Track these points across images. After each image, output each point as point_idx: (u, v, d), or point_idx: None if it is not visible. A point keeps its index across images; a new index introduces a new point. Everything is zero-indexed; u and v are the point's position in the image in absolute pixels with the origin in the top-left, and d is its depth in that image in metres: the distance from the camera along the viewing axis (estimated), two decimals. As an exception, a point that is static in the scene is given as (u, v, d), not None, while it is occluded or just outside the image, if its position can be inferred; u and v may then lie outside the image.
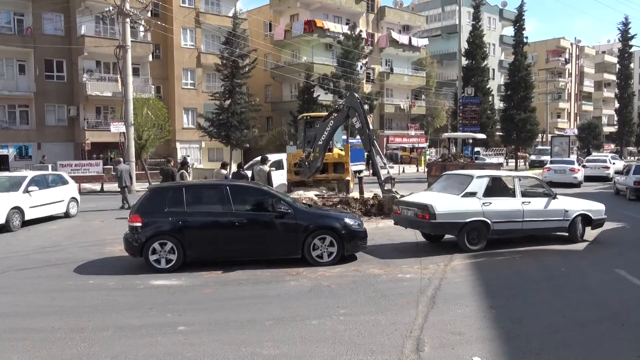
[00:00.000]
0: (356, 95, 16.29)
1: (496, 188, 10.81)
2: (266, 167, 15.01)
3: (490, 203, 10.29)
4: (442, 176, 12.37)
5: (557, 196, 11.19)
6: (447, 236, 11.72)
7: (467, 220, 10.08)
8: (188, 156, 27.64)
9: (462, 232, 10.12)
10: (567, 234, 11.20)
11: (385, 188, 15.23)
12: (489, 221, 10.20)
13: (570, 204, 11.30)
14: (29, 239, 12.68)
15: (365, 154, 18.34)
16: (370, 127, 16.91)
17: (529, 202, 10.67)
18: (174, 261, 8.85)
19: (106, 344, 5.63)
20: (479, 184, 10.43)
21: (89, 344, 5.65)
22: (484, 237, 10.26)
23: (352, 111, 15.60)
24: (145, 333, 5.96)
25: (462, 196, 10.28)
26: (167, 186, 10.73)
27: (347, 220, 9.49)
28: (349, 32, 42.41)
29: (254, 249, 9.24)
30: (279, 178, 18.80)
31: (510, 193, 10.82)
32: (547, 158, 37.06)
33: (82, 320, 6.44)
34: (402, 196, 12.94)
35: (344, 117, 15.93)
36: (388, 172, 15.77)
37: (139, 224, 8.87)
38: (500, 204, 10.41)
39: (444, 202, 10.20)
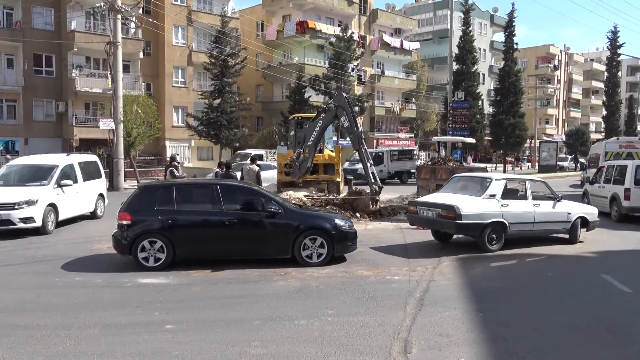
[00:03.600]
0: (344, 94, 16.35)
1: (510, 191, 11.19)
2: (255, 167, 15.01)
3: (508, 205, 10.62)
4: (452, 178, 12.61)
5: (562, 199, 11.66)
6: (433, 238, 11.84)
7: (488, 221, 10.34)
8: (177, 154, 27.43)
9: (483, 233, 10.35)
10: (567, 236, 11.66)
11: (375, 187, 15.42)
12: (506, 222, 10.51)
13: (571, 207, 11.82)
14: (14, 235, 12.52)
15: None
16: (359, 126, 16.99)
17: (539, 205, 11.10)
18: (162, 259, 8.80)
19: (92, 342, 5.59)
20: (498, 186, 10.80)
21: (75, 341, 5.60)
22: (502, 238, 10.56)
23: (340, 110, 15.65)
24: (131, 331, 5.92)
25: (484, 198, 10.57)
26: (157, 184, 10.68)
27: (337, 221, 9.50)
28: (340, 34, 42.48)
29: (244, 249, 9.22)
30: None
31: (523, 196, 11.19)
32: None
33: (68, 317, 6.38)
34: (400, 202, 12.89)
35: (332, 116, 15.97)
36: (376, 182, 15.80)
37: (128, 222, 8.82)
38: (516, 206, 10.78)
39: (468, 204, 10.40)
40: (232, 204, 9.21)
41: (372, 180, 15.58)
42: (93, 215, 15.31)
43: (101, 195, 15.97)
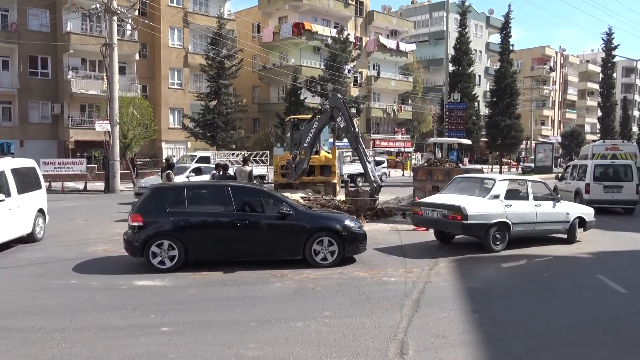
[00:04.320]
0: (339, 95, 16.42)
1: (513, 191, 11.31)
2: (247, 167, 15.13)
3: (511, 205, 10.72)
4: (454, 179, 12.66)
5: (561, 200, 11.82)
6: (432, 238, 11.85)
7: (493, 221, 10.44)
8: (173, 156, 27.40)
9: (488, 234, 10.43)
10: (565, 236, 11.84)
11: (374, 184, 15.50)
12: (510, 223, 10.60)
13: (570, 207, 11.98)
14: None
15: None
16: (356, 126, 17.09)
17: (540, 205, 11.21)
18: (175, 261, 8.79)
19: (88, 345, 5.56)
20: (501, 187, 10.92)
21: (71, 344, 5.58)
22: (506, 238, 10.66)
23: (335, 111, 15.72)
24: (127, 334, 5.90)
25: (488, 198, 10.68)
26: (169, 186, 10.68)
27: (347, 222, 9.51)
28: (337, 36, 42.55)
29: (255, 250, 9.23)
30: None
31: (524, 196, 11.29)
32: None
33: (64, 320, 6.35)
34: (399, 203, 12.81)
35: (328, 117, 16.04)
36: (375, 180, 15.86)
37: (140, 224, 8.79)
38: (518, 206, 10.89)
39: (474, 204, 10.47)
40: (244, 206, 9.20)
41: (372, 178, 15.64)
42: (30, 238, 11.57)
43: (41, 211, 12.15)
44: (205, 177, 19.40)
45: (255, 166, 26.97)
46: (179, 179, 18.82)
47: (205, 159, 26.45)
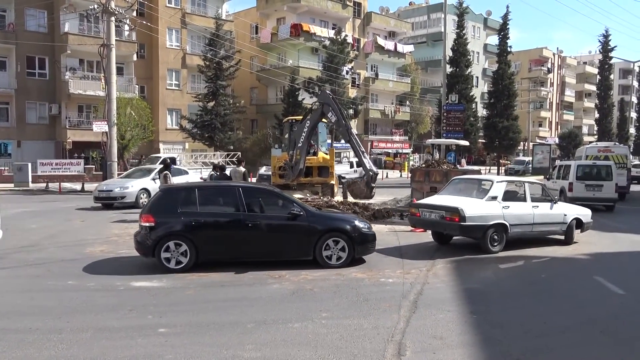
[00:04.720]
0: (327, 91, 16.51)
1: (510, 193, 11.34)
2: (241, 168, 15.18)
3: (509, 207, 10.76)
4: (452, 180, 12.68)
5: (558, 201, 11.93)
6: (430, 240, 11.85)
7: (491, 223, 10.45)
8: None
9: (486, 235, 10.44)
10: (562, 237, 11.89)
11: (370, 173, 15.61)
12: (507, 224, 10.63)
13: (567, 209, 12.02)
14: (6, 238, 12.42)
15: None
16: (347, 120, 17.23)
17: (538, 207, 11.26)
18: (186, 261, 8.78)
19: (85, 346, 5.54)
20: (499, 189, 10.94)
21: (67, 345, 5.56)
22: (504, 239, 10.69)
23: (326, 107, 15.82)
24: (124, 335, 5.88)
25: (486, 200, 10.71)
26: (180, 187, 10.69)
27: (357, 223, 9.54)
28: (334, 37, 42.58)
29: (266, 251, 9.23)
30: None
31: (522, 198, 11.33)
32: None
33: (61, 321, 6.33)
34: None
35: (318, 114, 16.13)
36: (370, 168, 15.94)
37: (152, 224, 8.78)
38: (516, 208, 10.93)
39: (472, 206, 10.49)
40: (254, 206, 9.21)
41: (367, 167, 15.71)
42: None
43: None
44: (172, 179, 18.84)
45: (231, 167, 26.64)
46: (143, 182, 18.61)
47: (173, 161, 26.29)
